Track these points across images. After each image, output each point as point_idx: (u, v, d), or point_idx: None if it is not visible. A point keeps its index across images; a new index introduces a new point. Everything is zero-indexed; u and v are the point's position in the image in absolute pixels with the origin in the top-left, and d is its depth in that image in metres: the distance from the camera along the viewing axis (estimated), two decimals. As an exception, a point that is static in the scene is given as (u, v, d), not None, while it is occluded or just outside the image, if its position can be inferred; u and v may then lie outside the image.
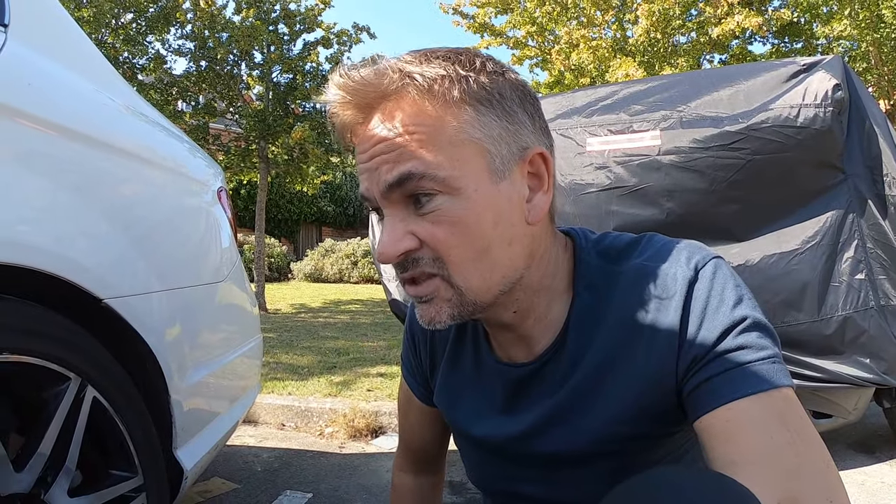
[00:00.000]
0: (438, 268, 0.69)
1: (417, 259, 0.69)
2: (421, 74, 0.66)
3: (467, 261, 0.69)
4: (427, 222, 0.68)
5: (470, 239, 0.68)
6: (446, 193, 0.66)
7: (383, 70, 0.67)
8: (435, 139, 0.66)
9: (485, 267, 0.70)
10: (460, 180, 0.66)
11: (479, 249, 0.69)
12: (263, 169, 9.71)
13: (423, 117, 0.66)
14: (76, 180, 1.18)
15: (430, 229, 0.68)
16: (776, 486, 0.58)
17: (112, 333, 1.22)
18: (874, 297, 2.33)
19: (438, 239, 0.68)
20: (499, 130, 0.69)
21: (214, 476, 2.52)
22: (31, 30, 1.24)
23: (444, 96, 0.66)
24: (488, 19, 10.91)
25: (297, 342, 5.69)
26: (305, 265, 15.93)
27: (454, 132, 0.66)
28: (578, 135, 2.66)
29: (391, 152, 0.66)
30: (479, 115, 0.68)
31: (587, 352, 0.78)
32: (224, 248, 1.83)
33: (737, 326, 0.69)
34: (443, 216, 0.67)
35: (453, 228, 0.67)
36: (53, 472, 1.02)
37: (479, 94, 0.68)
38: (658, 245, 0.79)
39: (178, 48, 9.44)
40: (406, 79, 0.66)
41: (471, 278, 0.69)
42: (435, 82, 0.66)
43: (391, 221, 0.69)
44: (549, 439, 0.82)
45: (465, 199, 0.67)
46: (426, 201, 0.67)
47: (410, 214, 0.68)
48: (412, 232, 0.68)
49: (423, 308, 0.72)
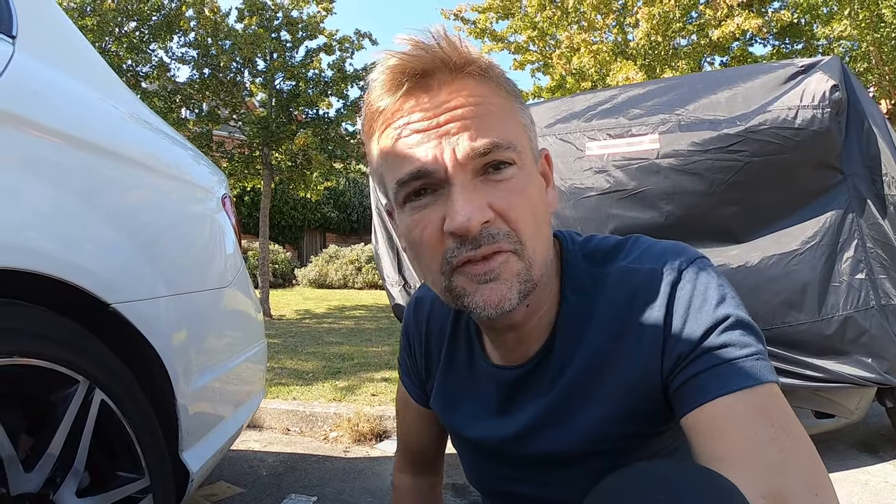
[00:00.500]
0: (512, 240, 0.68)
1: (494, 234, 0.67)
2: (478, 58, 0.71)
3: (533, 231, 0.70)
4: (502, 192, 0.68)
5: (534, 210, 0.71)
6: (518, 166, 0.70)
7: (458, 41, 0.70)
8: (506, 116, 0.71)
9: (541, 239, 0.73)
10: (527, 156, 0.72)
11: (538, 222, 0.72)
12: (267, 175, 9.73)
13: (493, 95, 0.71)
14: (82, 187, 1.20)
15: (505, 199, 0.68)
16: (761, 482, 0.59)
17: (119, 338, 1.25)
18: (875, 296, 2.34)
19: (515, 208, 0.68)
20: (531, 125, 0.76)
21: (220, 480, 2.53)
22: (38, 40, 1.27)
23: (504, 84, 0.73)
24: (489, 24, 10.94)
25: (302, 347, 5.70)
26: (310, 271, 15.94)
27: (516, 115, 0.73)
28: (578, 139, 2.68)
29: (472, 118, 0.67)
30: (521, 107, 0.75)
31: (575, 354, 0.79)
32: (228, 254, 1.85)
33: (720, 325, 0.70)
34: (517, 186, 0.69)
35: (524, 198, 0.70)
36: (62, 473, 1.04)
37: (515, 90, 0.75)
38: (643, 247, 0.81)
39: (182, 56, 9.48)
40: (478, 57, 0.71)
41: (537, 249, 0.71)
42: (497, 69, 0.73)
43: (465, 192, 0.66)
44: (542, 440, 0.83)
45: (529, 174, 0.72)
46: (502, 170, 0.69)
47: (481, 184, 0.68)
48: (489, 203, 0.67)
49: (491, 288, 0.68)
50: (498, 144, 0.67)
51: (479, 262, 0.68)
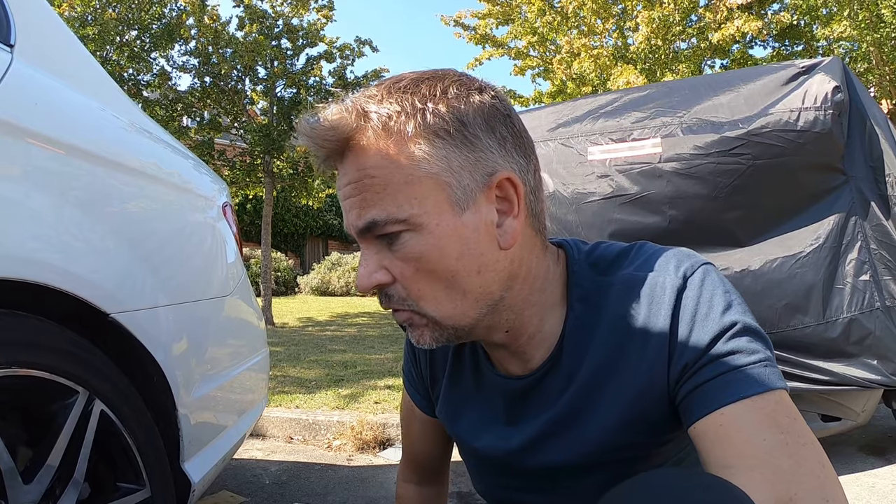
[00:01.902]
0: (408, 304, 0.72)
1: (389, 295, 0.73)
2: (377, 113, 0.67)
3: (435, 292, 0.71)
4: (397, 258, 0.70)
5: (435, 272, 0.70)
6: (410, 230, 0.68)
7: (342, 113, 0.68)
8: (392, 179, 0.67)
9: (455, 296, 0.71)
10: (421, 217, 0.67)
11: (446, 280, 0.70)
12: (269, 183, 9.75)
13: (381, 158, 0.67)
14: (82, 197, 1.19)
15: (399, 266, 0.70)
16: (772, 489, 0.58)
17: (119, 347, 1.24)
18: (879, 297, 2.33)
19: (406, 275, 0.71)
20: (458, 161, 0.68)
21: (223, 489, 2.52)
22: (37, 49, 1.26)
23: (400, 133, 0.67)
24: (489, 30, 10.94)
25: (305, 356, 5.69)
26: (312, 279, 15.96)
27: (411, 169, 0.67)
28: (580, 144, 2.68)
29: (357, 196, 0.69)
30: (436, 148, 0.67)
31: (582, 364, 0.78)
32: (230, 262, 1.85)
33: (727, 332, 0.69)
34: (409, 252, 0.69)
35: (419, 264, 0.69)
36: (62, 485, 1.03)
37: (435, 125, 0.67)
38: (647, 254, 0.80)
39: (183, 64, 9.52)
40: (362, 120, 0.68)
41: (441, 308, 0.72)
42: (390, 119, 0.67)
43: (366, 255, 0.72)
44: (549, 451, 0.83)
45: (428, 234, 0.68)
46: (394, 240, 0.69)
47: (383, 249, 0.71)
48: (385, 267, 0.71)
49: (410, 331, 0.76)
50: (375, 223, 0.68)
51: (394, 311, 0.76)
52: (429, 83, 0.69)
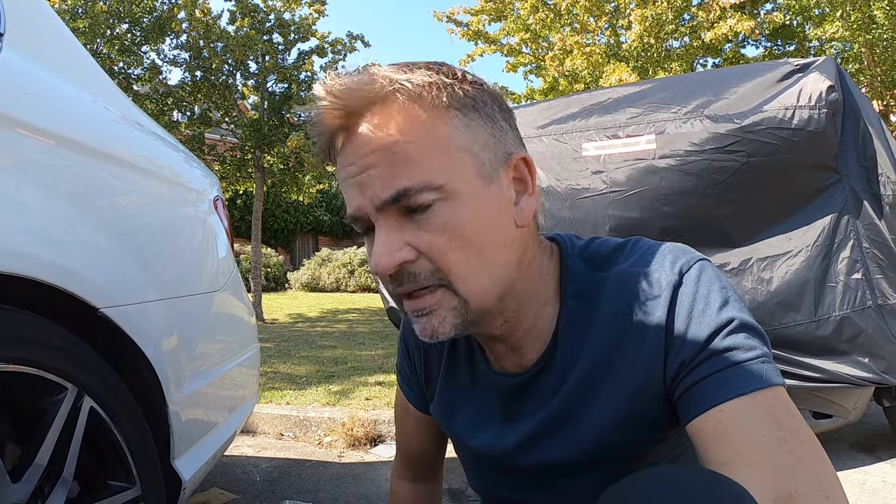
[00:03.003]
0: (438, 278, 0.68)
1: (414, 273, 0.68)
2: (409, 82, 0.65)
3: (467, 266, 0.68)
4: (424, 232, 0.66)
5: (468, 243, 0.67)
6: (444, 199, 0.66)
7: (368, 77, 0.66)
8: (428, 146, 0.66)
9: (483, 270, 0.69)
10: (455, 185, 0.66)
11: (477, 252, 0.68)
12: (259, 178, 9.71)
13: (415, 124, 0.65)
14: (72, 190, 1.17)
15: (428, 238, 0.66)
16: (771, 485, 0.58)
17: (109, 343, 1.22)
18: (871, 296, 2.33)
19: (437, 246, 0.67)
20: (485, 136, 0.69)
21: (213, 486, 2.50)
22: (27, 39, 1.24)
23: (433, 102, 0.66)
24: (482, 27, 10.95)
25: (295, 352, 5.67)
26: (302, 274, 15.91)
27: (446, 137, 0.66)
28: (574, 140, 2.67)
29: (383, 165, 0.65)
30: (468, 120, 0.68)
31: (577, 361, 0.77)
32: (221, 257, 1.83)
33: (724, 328, 0.69)
34: (441, 223, 0.66)
35: (452, 234, 0.66)
36: (51, 483, 1.01)
37: (464, 100, 0.68)
38: (643, 249, 0.79)
39: (174, 58, 9.46)
40: (396, 84, 0.65)
41: (472, 283, 0.69)
42: (423, 88, 0.66)
43: (385, 232, 0.67)
44: (545, 449, 0.82)
45: (461, 203, 0.67)
46: (422, 210, 0.66)
47: (405, 224, 0.67)
48: (408, 242, 0.67)
49: (424, 321, 0.70)
50: (407, 191, 0.65)
51: (407, 298, 0.70)
52: (447, 66, 0.70)
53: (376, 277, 2.77)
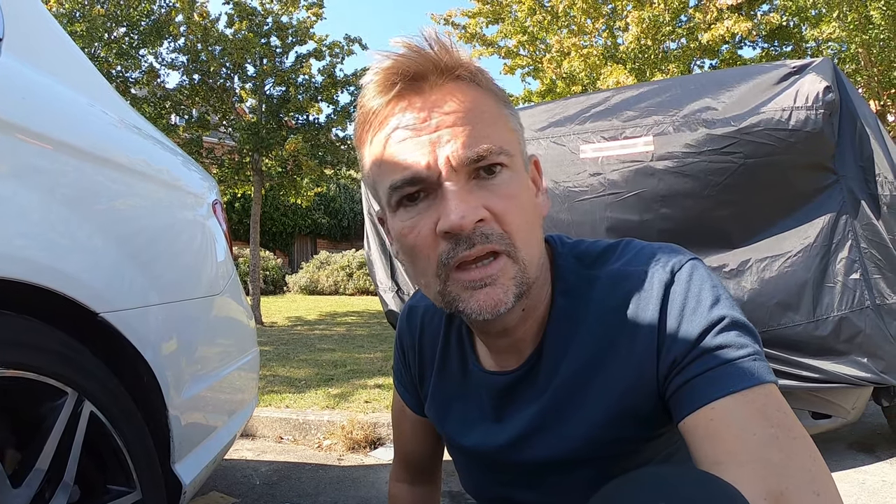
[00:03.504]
0: (506, 243, 0.69)
1: (487, 234, 0.68)
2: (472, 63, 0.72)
3: (525, 234, 0.71)
4: (495, 195, 0.69)
5: (526, 213, 0.72)
6: (510, 169, 0.70)
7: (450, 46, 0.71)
8: (497, 121, 0.72)
9: (534, 241, 0.73)
10: (518, 161, 0.72)
11: (531, 224, 0.73)
12: (257, 182, 9.69)
13: (484, 100, 0.71)
14: (71, 194, 1.17)
15: (500, 202, 0.69)
16: (763, 483, 0.58)
17: (109, 348, 1.22)
18: (870, 296, 2.34)
19: (508, 210, 0.69)
20: (520, 130, 0.77)
21: (213, 490, 2.50)
22: (25, 43, 1.24)
23: (493, 90, 0.74)
24: (479, 29, 10.95)
25: (294, 355, 5.67)
26: (301, 278, 15.89)
27: (505, 120, 0.73)
28: (572, 142, 2.67)
29: (465, 125, 0.68)
30: (511, 112, 0.75)
31: (566, 357, 0.78)
32: (220, 261, 1.83)
33: (715, 326, 0.69)
34: (511, 189, 0.70)
35: (518, 201, 0.71)
36: (51, 488, 1.01)
37: (504, 96, 0.76)
38: (635, 249, 0.80)
39: (171, 62, 9.44)
40: (468, 62, 0.71)
41: (530, 251, 0.71)
42: (486, 74, 0.74)
43: (459, 193, 0.67)
44: (536, 447, 0.82)
45: (520, 178, 0.73)
46: (496, 174, 0.69)
47: (477, 186, 0.69)
48: (482, 203, 0.68)
49: (486, 292, 0.69)
50: (490, 150, 0.68)
51: (474, 269, 0.69)
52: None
53: (375, 278, 2.73)
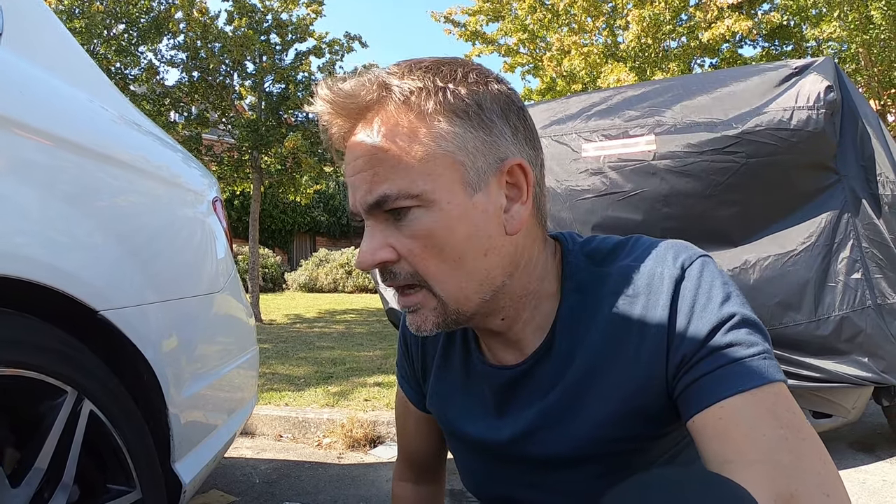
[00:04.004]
0: (417, 279, 0.71)
1: (395, 273, 0.71)
2: (398, 87, 0.67)
3: (443, 272, 0.70)
4: (404, 236, 0.69)
5: (443, 251, 0.69)
6: (422, 207, 0.67)
7: (363, 83, 0.68)
8: (408, 154, 0.67)
9: (461, 277, 0.71)
10: (434, 193, 0.67)
11: (454, 260, 0.69)
12: (256, 179, 9.68)
13: (398, 131, 0.67)
14: (70, 191, 1.16)
15: (406, 243, 0.69)
16: (772, 484, 0.57)
17: (108, 346, 1.21)
18: (871, 296, 2.34)
19: (414, 252, 0.69)
20: (474, 142, 0.69)
21: (213, 489, 2.49)
22: (25, 39, 1.23)
23: (420, 108, 0.67)
24: (480, 27, 10.95)
25: (293, 353, 5.66)
26: (300, 275, 15.89)
27: (428, 146, 0.67)
28: (573, 141, 2.66)
29: (369, 170, 0.68)
30: (454, 127, 0.68)
31: (576, 354, 0.77)
32: (220, 258, 1.82)
33: (725, 324, 0.68)
34: (418, 229, 0.68)
35: (428, 241, 0.68)
36: (50, 488, 1.00)
37: (455, 105, 0.68)
38: (645, 246, 0.79)
39: (171, 59, 9.43)
40: (384, 91, 0.68)
41: (448, 288, 0.71)
42: (412, 94, 0.67)
43: (371, 232, 0.71)
44: (541, 442, 0.81)
45: (439, 211, 0.68)
46: (403, 215, 0.68)
47: (390, 226, 0.70)
48: (390, 244, 0.70)
49: (411, 317, 0.74)
50: (387, 197, 0.67)
51: (400, 294, 0.74)
52: (450, 66, 0.71)
53: (375, 276, 2.74)
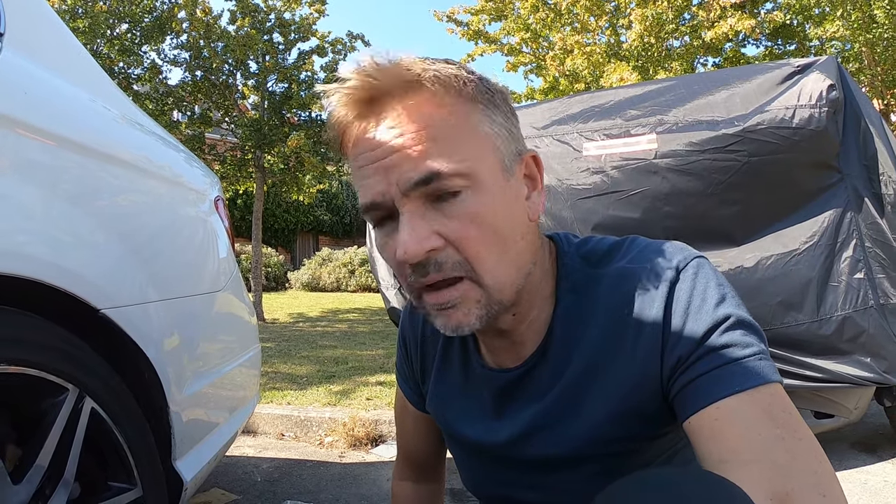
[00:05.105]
0: (465, 269, 0.68)
1: (441, 262, 0.67)
2: (436, 70, 0.66)
3: (492, 256, 0.68)
4: (450, 220, 0.66)
5: (493, 232, 0.68)
6: (470, 188, 0.66)
7: (402, 60, 0.67)
8: (456, 133, 0.66)
9: (505, 262, 0.70)
10: (481, 175, 0.67)
11: (501, 243, 0.69)
12: (259, 178, 9.69)
13: (443, 111, 0.66)
14: (73, 190, 1.17)
15: (455, 227, 0.66)
16: (768, 484, 0.57)
17: (110, 344, 1.21)
18: (873, 295, 2.33)
19: (465, 237, 0.66)
20: (505, 130, 0.71)
21: (214, 487, 2.50)
22: (27, 39, 1.24)
23: (460, 92, 0.68)
24: (482, 26, 10.94)
25: (296, 351, 5.67)
26: (302, 274, 15.89)
27: (473, 126, 0.68)
28: (575, 140, 2.66)
29: (412, 147, 0.65)
30: (491, 112, 0.70)
31: (572, 356, 0.78)
32: (222, 257, 1.82)
33: (720, 325, 0.69)
34: (468, 212, 0.66)
35: (478, 223, 0.67)
36: (52, 485, 1.01)
37: (486, 94, 0.70)
38: (640, 247, 0.79)
39: (174, 58, 9.44)
40: (428, 71, 0.66)
41: (497, 274, 0.69)
42: (451, 78, 0.67)
43: (412, 219, 0.66)
44: (539, 443, 0.82)
45: (487, 192, 0.67)
46: (449, 198, 0.66)
47: (430, 211, 0.67)
48: (436, 231, 0.66)
49: (448, 314, 0.70)
50: (438, 174, 0.64)
51: (434, 291, 0.69)
52: (459, 64, 0.71)
53: (377, 275, 2.73)
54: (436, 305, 0.70)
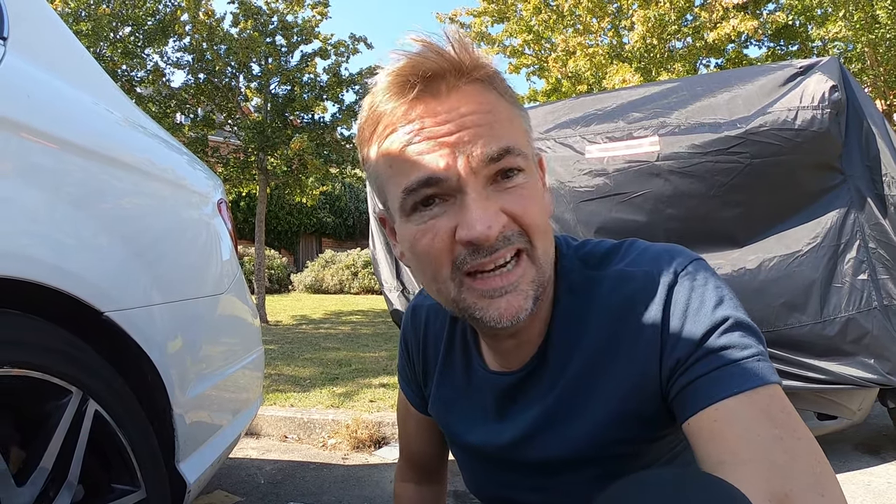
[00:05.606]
0: (524, 240, 0.69)
1: (509, 236, 0.68)
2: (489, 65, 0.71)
3: (542, 234, 0.71)
4: (514, 197, 0.69)
5: (542, 212, 0.72)
6: (526, 171, 0.70)
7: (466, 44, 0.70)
8: (510, 122, 0.71)
9: (548, 242, 0.74)
10: (532, 162, 0.72)
11: (546, 224, 0.73)
12: (262, 181, 9.71)
13: (500, 103, 0.71)
14: (76, 193, 1.17)
15: (518, 203, 0.69)
16: (767, 484, 0.57)
17: (113, 346, 1.22)
18: (877, 297, 2.33)
19: (527, 212, 0.69)
20: (530, 131, 0.76)
21: (217, 489, 2.50)
22: (30, 42, 1.24)
23: (503, 89, 0.72)
24: (485, 28, 10.95)
25: (299, 354, 5.67)
26: (306, 276, 15.91)
27: (519, 121, 0.73)
28: (577, 142, 2.67)
29: (484, 125, 0.67)
30: (522, 113, 0.75)
31: (571, 358, 0.78)
32: (225, 260, 1.83)
33: (719, 327, 0.69)
34: (525, 191, 0.69)
35: (533, 201, 0.70)
36: (55, 487, 1.01)
37: (515, 97, 0.75)
38: (639, 250, 0.80)
39: (177, 61, 9.46)
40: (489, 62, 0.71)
41: (546, 248, 0.72)
42: (497, 76, 0.72)
43: (478, 199, 0.66)
44: (539, 446, 0.82)
45: (535, 177, 0.72)
46: (514, 175, 0.69)
47: (492, 193, 0.68)
48: (502, 208, 0.68)
49: (508, 300, 0.69)
50: (510, 150, 0.67)
51: (493, 276, 0.69)
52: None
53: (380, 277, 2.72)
54: (492, 291, 0.69)
